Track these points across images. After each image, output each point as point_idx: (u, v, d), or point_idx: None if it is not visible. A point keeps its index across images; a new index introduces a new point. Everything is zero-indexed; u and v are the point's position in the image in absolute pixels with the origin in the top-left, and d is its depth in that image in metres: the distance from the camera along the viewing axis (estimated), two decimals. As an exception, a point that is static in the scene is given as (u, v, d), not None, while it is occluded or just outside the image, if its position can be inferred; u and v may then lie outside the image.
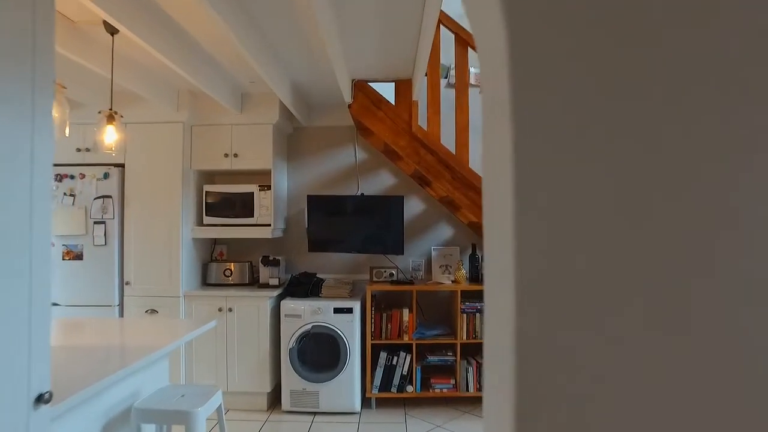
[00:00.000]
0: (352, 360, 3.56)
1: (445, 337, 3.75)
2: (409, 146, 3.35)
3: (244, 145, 3.72)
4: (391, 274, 3.93)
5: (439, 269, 4.06)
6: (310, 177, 4.23)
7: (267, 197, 3.74)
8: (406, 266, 4.19)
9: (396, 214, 3.82)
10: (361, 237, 3.86)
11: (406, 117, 3.34)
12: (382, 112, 3.34)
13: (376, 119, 3.34)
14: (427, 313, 4.17)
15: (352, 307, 3.60)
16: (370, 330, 3.69)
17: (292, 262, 4.19)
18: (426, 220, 4.24)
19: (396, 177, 4.22)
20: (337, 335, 3.56)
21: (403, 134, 3.34)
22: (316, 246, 3.88)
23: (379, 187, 4.22)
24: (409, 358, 3.70)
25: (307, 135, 4.23)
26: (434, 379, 3.74)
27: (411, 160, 3.35)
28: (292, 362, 3.54)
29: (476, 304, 3.74)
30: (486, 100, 0.58)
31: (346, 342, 3.56)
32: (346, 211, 3.90)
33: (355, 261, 4.21)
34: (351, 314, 3.59)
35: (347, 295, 3.75)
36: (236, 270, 3.86)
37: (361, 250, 3.91)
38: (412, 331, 3.71)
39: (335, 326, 3.57)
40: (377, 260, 4.21)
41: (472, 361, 3.76)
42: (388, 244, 3.85)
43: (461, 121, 3.34)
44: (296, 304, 3.60)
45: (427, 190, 4.16)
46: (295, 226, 4.20)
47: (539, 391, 0.47)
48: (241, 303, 3.59)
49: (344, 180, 4.23)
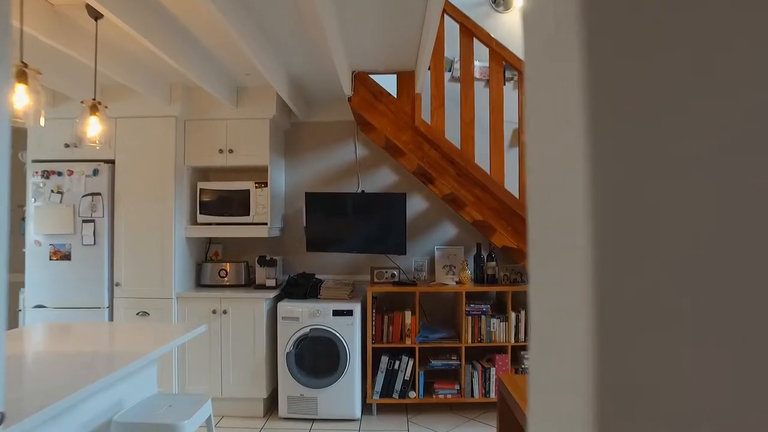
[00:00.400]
0: (352, 364, 3.41)
1: (450, 340, 3.60)
2: (411, 141, 3.20)
3: (239, 140, 3.57)
4: (392, 274, 3.78)
5: (442, 270, 3.91)
6: (309, 174, 4.08)
7: (264, 195, 3.59)
8: (408, 267, 4.04)
9: (398, 212, 3.67)
10: (362, 236, 3.71)
11: (409, 110, 3.19)
12: (384, 106, 3.19)
13: (378, 113, 3.19)
14: (430, 316, 4.02)
15: (352, 309, 3.45)
16: (371, 333, 3.54)
17: (290, 262, 4.04)
18: (429, 218, 4.09)
19: (398, 174, 4.07)
20: (336, 339, 3.41)
21: (406, 128, 3.19)
22: (314, 246, 3.73)
23: (380, 185, 4.07)
24: (411, 362, 3.55)
25: (305, 130, 4.08)
26: (438, 385, 3.59)
27: (414, 156, 3.20)
28: (290, 367, 3.39)
29: (481, 306, 3.59)
30: (534, 80, 0.42)
31: (346, 346, 3.41)
32: (346, 210, 3.74)
33: (356, 261, 4.06)
34: (351, 317, 3.44)
35: (347, 296, 3.60)
36: (232, 271, 3.71)
37: (361, 250, 3.75)
38: (414, 335, 3.56)
39: (334, 329, 3.42)
40: (378, 260, 4.06)
41: (477, 365, 3.60)
42: (390, 244, 3.70)
43: (466, 115, 3.19)
44: (294, 306, 3.44)
45: (430, 188, 4.01)
46: (292, 225, 4.05)
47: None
48: (236, 305, 3.44)
49: (344, 177, 4.08)
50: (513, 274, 3.67)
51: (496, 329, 3.59)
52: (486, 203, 3.20)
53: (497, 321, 3.59)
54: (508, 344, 3.58)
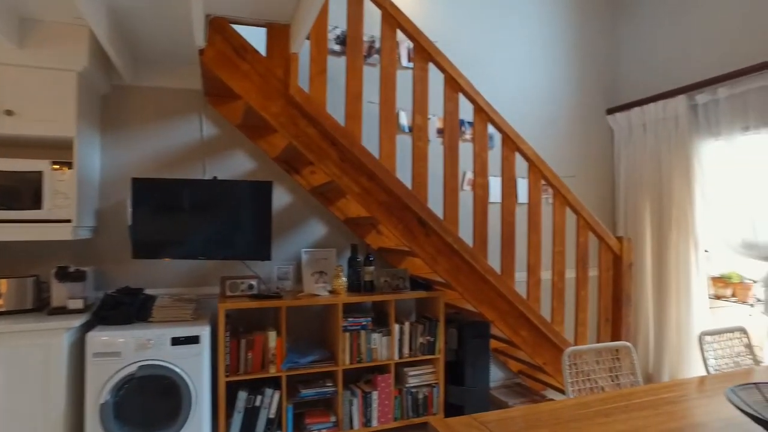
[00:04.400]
0: (199, 408, 2.56)
1: (323, 363, 2.97)
2: (283, 113, 2.50)
3: (25, 98, 2.44)
4: (250, 285, 3.00)
5: (311, 277, 3.26)
6: (137, 155, 3.07)
7: (66, 180, 2.51)
8: (270, 275, 3.29)
9: (261, 206, 2.91)
10: (210, 237, 2.86)
11: (281, 74, 2.49)
12: (248, 65, 2.43)
13: (240, 74, 2.42)
14: (299, 334, 3.33)
15: (199, 334, 2.60)
16: (225, 364, 2.72)
17: (107, 274, 2.98)
18: (293, 216, 3.40)
19: (255, 160, 3.30)
20: (176, 376, 2.52)
21: (277, 97, 2.48)
22: (144, 251, 2.76)
23: (231, 173, 3.25)
24: (277, 395, 2.83)
25: (133, 97, 3.06)
26: (310, 419, 2.93)
27: (287, 133, 2.50)
28: (105, 423, 2.40)
29: (361, 319, 3.04)
30: None
31: (191, 384, 2.55)
32: (190, 202, 2.85)
33: (202, 270, 3.17)
34: (197, 344, 2.58)
35: (190, 317, 2.72)
36: (10, 290, 2.53)
37: (209, 256, 2.89)
38: (280, 360, 2.84)
39: (174, 363, 2.52)
40: (231, 268, 3.23)
41: (357, 390, 3.03)
42: (249, 247, 2.92)
43: (353, 87, 2.61)
44: (112, 335, 2.46)
45: (296, 178, 3.34)
46: (111, 223, 3.00)
47: None
48: (15, 341, 2.31)
49: (184, 162, 3.16)
50: (395, 279, 3.19)
51: (377, 345, 3.07)
52: (374, 195, 2.65)
53: (378, 336, 3.07)
54: (391, 362, 3.08)
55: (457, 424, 1.41)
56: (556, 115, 4.30)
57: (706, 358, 2.22)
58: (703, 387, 1.78)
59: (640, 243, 4.11)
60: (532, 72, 4.21)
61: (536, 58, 4.23)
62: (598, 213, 4.45)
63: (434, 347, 3.19)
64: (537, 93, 4.23)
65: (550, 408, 1.55)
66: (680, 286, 3.81)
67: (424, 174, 2.77)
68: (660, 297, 3.99)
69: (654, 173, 4.03)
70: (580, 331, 3.19)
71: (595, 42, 4.49)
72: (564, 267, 3.13)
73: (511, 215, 2.99)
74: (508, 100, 4.10)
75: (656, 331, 4.02)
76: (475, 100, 2.86)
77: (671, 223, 3.88)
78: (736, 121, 3.45)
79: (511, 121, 4.05)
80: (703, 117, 3.72)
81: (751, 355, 2.35)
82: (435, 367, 3.22)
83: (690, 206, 3.76)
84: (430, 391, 3.19)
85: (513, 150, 2.99)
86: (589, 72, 4.45)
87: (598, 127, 4.49)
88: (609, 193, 4.53)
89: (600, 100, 4.51)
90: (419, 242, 2.74)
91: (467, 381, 3.21)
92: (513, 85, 4.13)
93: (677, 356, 3.82)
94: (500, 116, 2.93)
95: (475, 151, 2.92)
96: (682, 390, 1.74)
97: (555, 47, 4.31)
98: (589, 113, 4.45)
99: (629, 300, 3.28)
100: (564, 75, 4.34)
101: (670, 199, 3.89)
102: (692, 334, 3.72)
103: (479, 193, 2.91)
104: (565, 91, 4.35)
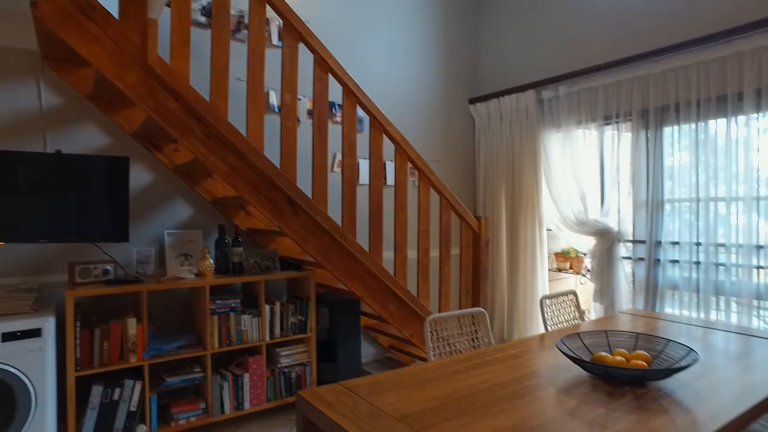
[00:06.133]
0: (41, 410, 2.31)
1: (190, 348, 2.84)
2: (141, 84, 2.31)
3: None
4: (105, 270, 2.76)
5: (176, 260, 3.09)
6: (-46, 123, 2.62)
7: None
8: (128, 259, 3.05)
9: (116, 185, 2.68)
10: (54, 218, 2.57)
11: (138, 41, 2.29)
12: (98, 27, 2.20)
13: (87, 36, 2.18)
14: (164, 321, 3.14)
15: (41, 327, 2.33)
16: (75, 357, 2.48)
17: None
18: (155, 196, 3.18)
19: (110, 136, 3.01)
20: (11, 377, 2.24)
21: (133, 66, 2.28)
22: (-33, 234, 2.39)
23: (81, 148, 2.93)
24: (139, 386, 2.65)
25: (-55, 55, 2.59)
26: (176, 408, 2.79)
27: (145, 105, 2.32)
28: None
29: (229, 301, 2.96)
30: None
31: (29, 385, 2.28)
32: (28, 179, 2.52)
33: (44, 255, 2.83)
34: (39, 338, 2.32)
35: (30, 308, 2.43)
36: None
37: (53, 239, 2.59)
38: (142, 349, 2.67)
39: (8, 364, 2.24)
40: (82, 252, 2.93)
41: (227, 374, 2.96)
42: (102, 228, 2.67)
43: (219, 60, 2.50)
44: (-74, 333, 2.11)
45: (157, 156, 3.12)
46: None
47: None
48: None
49: (21, 134, 2.78)
50: (264, 260, 3.15)
51: (247, 327, 3.01)
52: (241, 174, 2.58)
53: (248, 317, 3.02)
54: (262, 343, 3.05)
55: (325, 392, 1.46)
56: (423, 103, 4.53)
57: (546, 318, 2.54)
58: (543, 342, 2.04)
59: (497, 222, 4.54)
60: (402, 58, 4.38)
61: (406, 45, 4.40)
62: (461, 195, 4.81)
63: (306, 326, 3.22)
64: (405, 79, 4.41)
65: (414, 371, 1.67)
66: (527, 260, 4.30)
67: (293, 153, 2.76)
68: (512, 270, 4.45)
69: (508, 159, 4.46)
70: (443, 303, 3.44)
71: (460, 35, 4.79)
72: (429, 244, 3.35)
73: (379, 195, 3.11)
74: (377, 85, 4.22)
75: (509, 299, 4.49)
76: (345, 82, 2.91)
77: (522, 204, 4.34)
78: (572, 115, 3.95)
79: (380, 105, 4.20)
80: (548, 111, 4.20)
81: (579, 312, 2.75)
82: (307, 346, 3.26)
83: (536, 189, 4.24)
84: (303, 370, 3.22)
85: (381, 132, 3.10)
86: (454, 63, 4.75)
87: (461, 116, 4.83)
88: (471, 177, 4.91)
89: (463, 90, 4.84)
90: (289, 222, 2.73)
91: (339, 358, 3.30)
92: (382, 69, 4.26)
93: (525, 319, 4.32)
94: (369, 99, 3.01)
95: (344, 132, 2.97)
96: (526, 346, 1.98)
97: (423, 36, 4.52)
98: (453, 102, 4.76)
99: (486, 273, 3.61)
100: (432, 64, 4.58)
101: (521, 182, 4.34)
102: (537, 300, 4.22)
103: (348, 173, 2.98)
104: (432, 79, 4.59)
